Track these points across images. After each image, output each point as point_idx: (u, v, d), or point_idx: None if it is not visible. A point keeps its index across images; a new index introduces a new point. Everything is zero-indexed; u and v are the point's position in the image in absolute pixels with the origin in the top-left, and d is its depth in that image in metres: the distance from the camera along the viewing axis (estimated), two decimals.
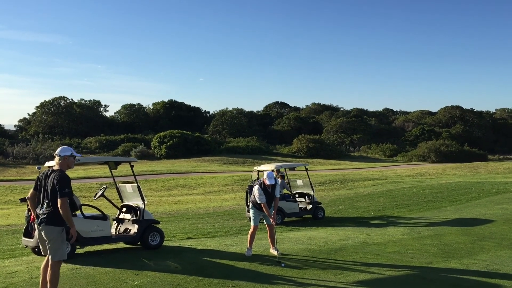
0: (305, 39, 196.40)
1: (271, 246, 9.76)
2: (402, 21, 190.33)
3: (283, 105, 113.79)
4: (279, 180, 16.76)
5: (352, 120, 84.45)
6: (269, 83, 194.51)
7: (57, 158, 6.29)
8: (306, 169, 17.42)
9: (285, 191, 17.14)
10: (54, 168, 6.26)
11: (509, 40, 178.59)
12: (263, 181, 9.63)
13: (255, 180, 16.87)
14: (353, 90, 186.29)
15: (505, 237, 11.81)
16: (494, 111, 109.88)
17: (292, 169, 17.67)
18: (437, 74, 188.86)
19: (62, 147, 6.46)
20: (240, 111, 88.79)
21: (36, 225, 6.28)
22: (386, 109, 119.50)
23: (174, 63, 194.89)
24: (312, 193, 16.93)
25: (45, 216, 6.09)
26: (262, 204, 9.44)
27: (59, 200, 5.95)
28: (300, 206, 16.48)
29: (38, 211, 6.21)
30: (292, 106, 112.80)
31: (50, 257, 6.14)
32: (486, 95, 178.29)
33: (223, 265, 8.65)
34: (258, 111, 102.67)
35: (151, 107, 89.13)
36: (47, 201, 6.11)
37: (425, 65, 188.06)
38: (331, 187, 28.72)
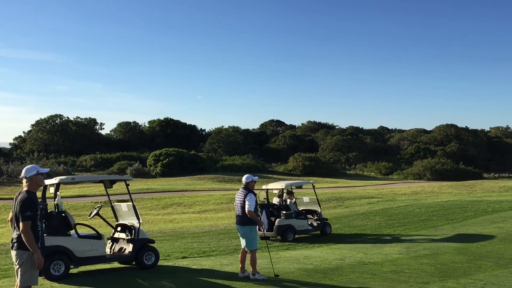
0: (300, 57, 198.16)
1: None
2: (397, 39, 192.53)
3: (279, 123, 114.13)
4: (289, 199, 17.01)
5: (347, 138, 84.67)
6: (265, 101, 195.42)
7: (24, 181, 5.95)
8: (314, 187, 18.00)
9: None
10: (23, 189, 5.96)
11: (503, 59, 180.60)
12: (251, 184, 9.46)
13: (264, 199, 17.10)
14: (349, 108, 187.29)
15: (501, 256, 11.77)
16: (488, 129, 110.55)
17: (299, 187, 18.12)
18: (432, 92, 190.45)
19: (25, 168, 6.09)
20: (236, 129, 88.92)
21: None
22: (382, 127, 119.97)
23: (172, 81, 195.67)
24: (319, 210, 17.45)
25: (15, 240, 5.83)
26: (251, 214, 9.14)
27: (21, 224, 5.67)
28: (309, 223, 16.88)
29: (13, 234, 5.93)
30: (288, 124, 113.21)
31: (18, 283, 5.82)
32: (481, 113, 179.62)
33: (218, 285, 8.57)
34: (254, 129, 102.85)
35: (147, 125, 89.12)
36: (16, 224, 5.86)
37: (420, 84, 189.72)
38: (327, 206, 28.63)
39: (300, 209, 17.23)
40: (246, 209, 9.15)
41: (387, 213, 23.18)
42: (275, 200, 17.13)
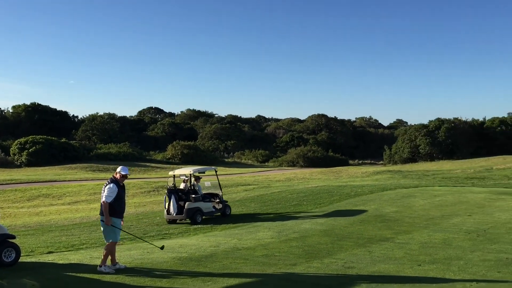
0: (178, 43, 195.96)
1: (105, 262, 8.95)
2: (270, 31, 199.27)
3: (158, 110, 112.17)
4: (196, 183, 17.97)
5: (226, 126, 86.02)
6: (144, 87, 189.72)
7: None
8: (216, 172, 19.28)
9: None
10: None
11: (366, 54, 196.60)
12: (119, 177, 8.95)
13: (172, 184, 17.79)
14: (228, 97, 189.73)
15: (360, 236, 12.87)
16: (354, 119, 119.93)
17: (203, 172, 19.36)
18: (306, 82, 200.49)
19: None
20: (112, 116, 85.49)
21: None
22: (259, 116, 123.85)
23: (41, 64, 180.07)
24: (220, 193, 18.80)
25: None
26: (105, 205, 8.68)
27: None
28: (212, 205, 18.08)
29: None
30: (167, 111, 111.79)
31: None
32: (347, 104, 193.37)
33: (86, 279, 8.21)
34: (132, 116, 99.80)
35: (11, 110, 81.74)
36: None
37: (295, 73, 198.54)
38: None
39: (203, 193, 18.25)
40: (102, 200, 8.82)
41: (262, 199, 24.03)
42: (182, 185, 18.08)
